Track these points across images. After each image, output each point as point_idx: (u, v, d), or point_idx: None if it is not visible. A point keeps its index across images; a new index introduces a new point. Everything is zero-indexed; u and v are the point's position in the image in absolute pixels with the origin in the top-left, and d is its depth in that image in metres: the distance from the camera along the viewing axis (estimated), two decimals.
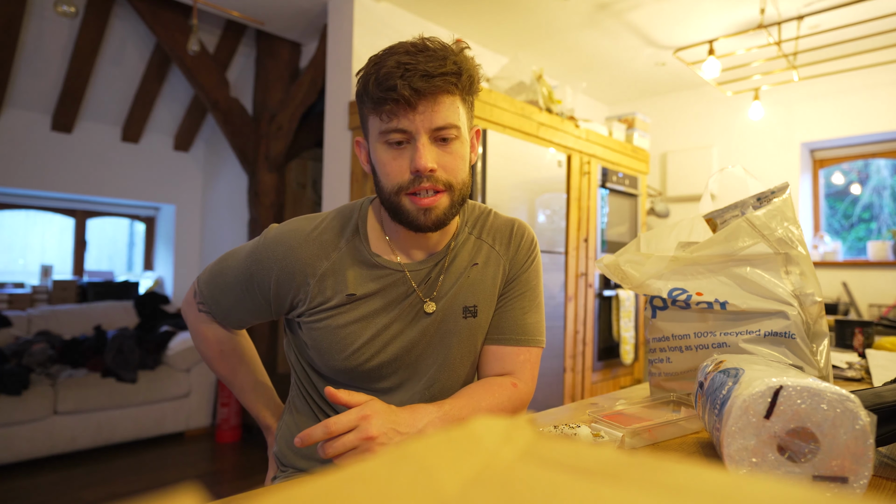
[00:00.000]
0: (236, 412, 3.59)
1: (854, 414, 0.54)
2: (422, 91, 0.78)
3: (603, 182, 3.29)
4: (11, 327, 3.58)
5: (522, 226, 1.00)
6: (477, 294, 0.94)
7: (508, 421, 0.24)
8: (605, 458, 0.20)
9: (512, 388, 0.91)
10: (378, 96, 0.78)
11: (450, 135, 0.82)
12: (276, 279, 0.88)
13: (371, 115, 0.82)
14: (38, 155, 3.96)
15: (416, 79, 0.77)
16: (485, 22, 3.18)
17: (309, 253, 0.88)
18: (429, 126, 0.80)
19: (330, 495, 0.17)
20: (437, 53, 0.80)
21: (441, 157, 0.82)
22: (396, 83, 0.76)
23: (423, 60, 0.78)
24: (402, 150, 0.81)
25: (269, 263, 0.88)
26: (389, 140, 0.81)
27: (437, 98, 0.80)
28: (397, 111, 0.79)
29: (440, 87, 0.79)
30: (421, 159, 0.79)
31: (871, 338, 1.51)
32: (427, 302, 0.91)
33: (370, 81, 0.80)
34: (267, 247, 0.89)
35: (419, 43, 0.81)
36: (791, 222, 0.89)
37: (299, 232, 0.89)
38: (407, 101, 0.77)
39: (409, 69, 0.77)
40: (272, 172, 3.73)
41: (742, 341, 0.87)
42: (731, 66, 3.32)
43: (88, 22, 3.41)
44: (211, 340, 0.99)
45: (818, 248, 3.73)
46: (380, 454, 0.20)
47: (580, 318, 3.13)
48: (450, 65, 0.80)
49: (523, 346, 0.95)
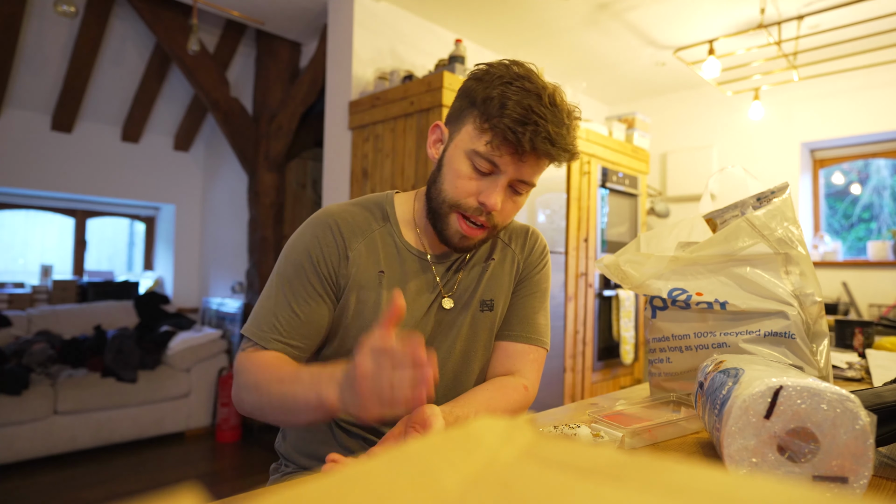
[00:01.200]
0: (236, 412, 3.58)
1: (854, 414, 0.54)
2: (537, 150, 0.79)
3: (603, 182, 3.28)
4: (11, 327, 3.58)
5: (536, 232, 1.03)
6: (494, 288, 0.96)
7: (509, 421, 0.24)
8: (605, 458, 0.20)
9: (524, 392, 0.92)
10: (500, 126, 0.77)
11: (524, 189, 0.85)
12: (329, 253, 0.87)
13: (478, 130, 0.81)
14: (38, 155, 3.96)
15: (540, 139, 0.77)
16: (485, 22, 3.18)
17: (347, 230, 0.88)
18: (517, 176, 0.82)
19: (330, 495, 0.17)
20: (562, 118, 0.80)
21: (506, 204, 0.84)
22: (526, 132, 0.76)
23: (551, 121, 0.78)
24: (482, 176, 0.82)
25: (321, 238, 0.87)
26: (478, 164, 0.81)
27: (541, 161, 0.82)
28: (505, 150, 0.79)
29: (551, 154, 0.80)
30: (493, 199, 0.81)
31: (871, 338, 1.51)
32: (446, 297, 0.92)
33: (494, 99, 0.78)
34: (313, 226, 0.89)
35: (551, 92, 0.80)
36: (791, 222, 0.89)
37: (332, 213, 0.90)
38: (521, 151, 0.78)
39: (539, 126, 0.77)
40: (272, 172, 3.73)
41: (742, 341, 0.87)
42: (731, 66, 3.32)
43: (88, 22, 3.41)
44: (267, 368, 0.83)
45: (818, 248, 3.73)
46: (380, 454, 0.20)
47: (580, 317, 3.13)
48: (570, 143, 0.81)
49: (533, 344, 0.96)
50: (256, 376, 0.80)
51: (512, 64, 0.83)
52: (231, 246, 4.39)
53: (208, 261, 4.74)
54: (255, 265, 3.78)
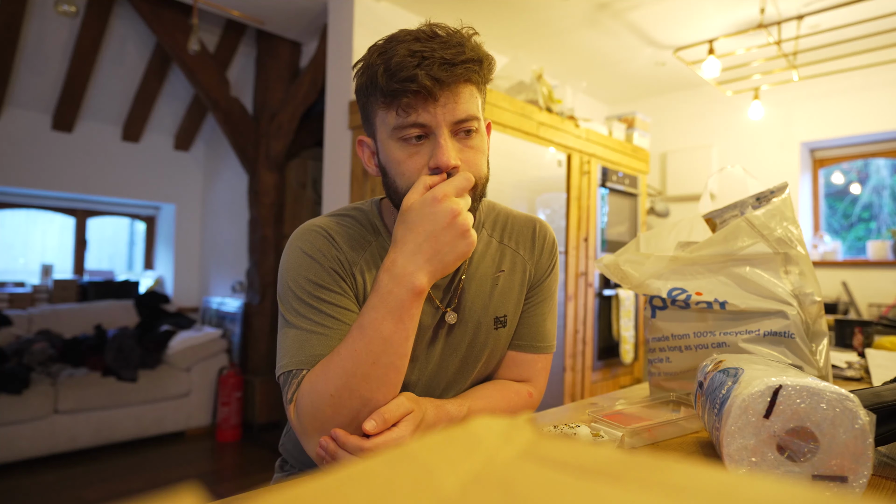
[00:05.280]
0: (237, 411, 3.59)
1: (853, 413, 0.54)
2: (443, 81, 0.71)
3: (603, 181, 3.28)
4: (12, 326, 3.58)
5: (544, 227, 0.94)
6: (507, 303, 0.89)
7: (508, 421, 0.24)
8: (604, 457, 0.20)
9: (527, 398, 0.90)
10: (393, 88, 0.71)
11: (472, 126, 0.76)
12: (329, 254, 0.80)
13: (381, 111, 0.75)
14: (38, 154, 3.96)
15: (436, 67, 0.70)
16: (485, 21, 3.18)
17: (344, 243, 0.81)
18: (451, 119, 0.73)
19: (330, 495, 0.17)
20: (452, 40, 0.73)
21: (463, 153, 0.75)
22: (415, 73, 0.69)
23: (439, 48, 0.71)
24: (419, 146, 0.74)
25: (314, 242, 0.80)
26: (406, 136, 0.74)
27: (458, 88, 0.73)
28: (416, 104, 0.71)
29: (462, 75, 0.72)
30: (444, 155, 0.72)
31: (870, 337, 1.51)
32: (448, 312, 0.84)
33: (378, 73, 0.72)
34: (301, 238, 0.81)
35: (427, 30, 0.74)
36: (790, 222, 0.89)
37: (319, 224, 0.82)
38: (428, 92, 0.70)
39: (426, 57, 0.70)
40: (272, 172, 3.73)
41: (741, 341, 0.87)
42: (731, 66, 3.32)
43: (89, 21, 3.41)
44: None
45: (818, 247, 3.73)
46: (379, 454, 0.20)
47: (580, 317, 3.13)
48: (469, 52, 0.73)
49: (541, 353, 0.92)
50: (328, 375, 0.70)
51: (378, 41, 0.77)
52: (231, 245, 4.39)
53: (208, 260, 4.74)
54: (256, 265, 3.78)
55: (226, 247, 4.48)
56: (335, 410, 0.70)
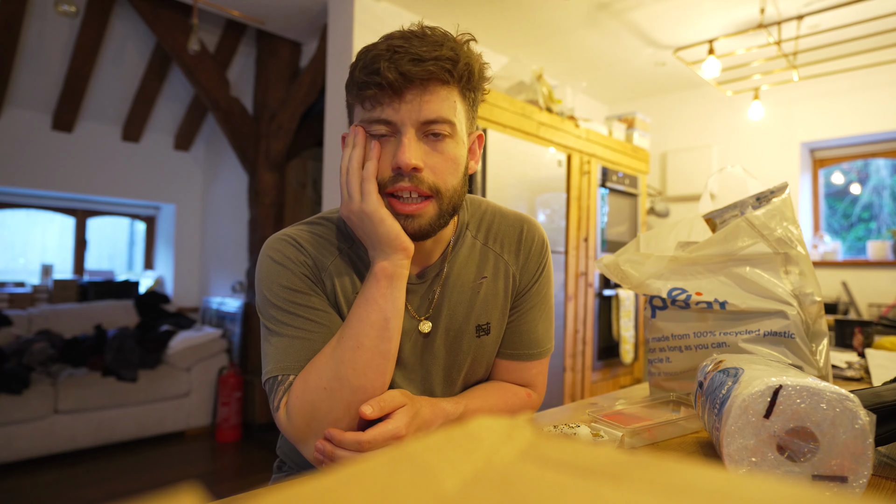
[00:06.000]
0: (236, 411, 3.59)
1: (853, 413, 0.54)
2: (410, 76, 0.68)
3: (603, 181, 3.29)
4: (12, 326, 3.58)
5: (532, 229, 0.89)
6: (490, 311, 0.85)
7: (508, 421, 0.24)
8: (604, 457, 0.20)
9: (526, 398, 0.89)
10: (361, 80, 0.69)
11: (441, 130, 0.71)
12: (298, 260, 0.79)
13: (357, 105, 0.73)
14: (38, 154, 3.96)
15: (405, 62, 0.67)
16: (485, 22, 3.18)
17: (311, 248, 0.80)
18: (416, 118, 0.70)
19: (330, 495, 0.17)
20: (434, 39, 0.71)
21: (429, 156, 0.71)
22: (381, 66, 0.67)
23: (417, 44, 0.69)
24: (384, 143, 0.72)
25: (282, 251, 0.79)
26: (373, 133, 0.72)
27: (427, 86, 0.69)
28: (381, 98, 0.69)
29: (432, 72, 0.69)
30: (403, 155, 0.69)
31: (870, 337, 1.51)
32: (422, 321, 0.82)
33: (357, 66, 0.71)
34: (269, 248, 0.80)
35: (417, 29, 0.72)
36: (790, 222, 0.89)
37: (285, 233, 0.82)
38: (391, 86, 0.68)
39: (398, 51, 0.68)
40: (272, 172, 3.73)
41: (741, 341, 0.87)
42: (731, 66, 3.32)
43: (89, 21, 3.41)
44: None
45: (818, 247, 3.73)
46: (379, 454, 0.20)
47: (580, 317, 3.13)
48: (446, 50, 0.70)
49: (535, 359, 0.90)
50: (319, 370, 0.71)
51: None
52: (231, 245, 4.39)
53: (208, 260, 4.74)
54: (256, 265, 3.78)
55: (226, 247, 4.48)
56: (329, 404, 0.70)
